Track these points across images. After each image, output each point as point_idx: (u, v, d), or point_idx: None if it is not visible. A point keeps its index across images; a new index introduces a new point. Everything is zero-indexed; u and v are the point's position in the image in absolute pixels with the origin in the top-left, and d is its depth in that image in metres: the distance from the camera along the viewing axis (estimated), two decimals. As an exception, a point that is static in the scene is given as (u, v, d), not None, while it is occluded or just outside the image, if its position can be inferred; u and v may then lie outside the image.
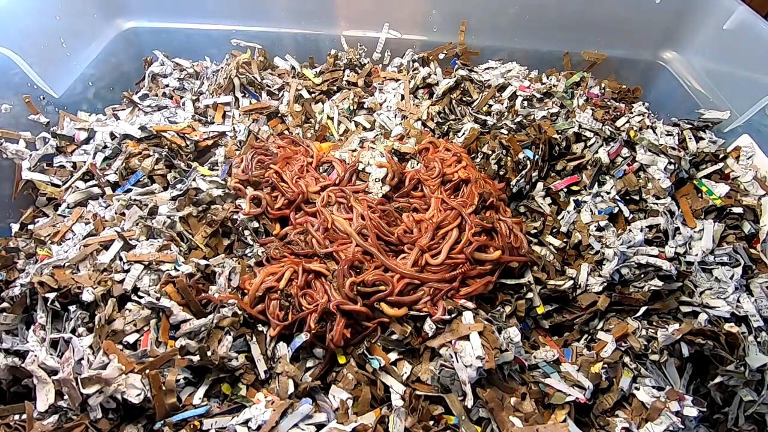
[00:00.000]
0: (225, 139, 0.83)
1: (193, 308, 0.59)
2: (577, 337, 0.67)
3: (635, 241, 0.67)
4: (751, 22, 0.83)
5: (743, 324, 0.63)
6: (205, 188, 0.70)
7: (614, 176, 0.75)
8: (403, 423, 0.53)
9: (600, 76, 1.00)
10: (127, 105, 0.92)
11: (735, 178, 0.77)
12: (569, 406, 0.57)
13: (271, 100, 0.91)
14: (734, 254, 0.69)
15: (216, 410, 0.55)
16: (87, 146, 0.82)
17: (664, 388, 0.59)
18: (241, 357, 0.58)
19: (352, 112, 0.90)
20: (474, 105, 0.88)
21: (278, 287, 0.60)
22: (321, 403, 0.58)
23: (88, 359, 0.54)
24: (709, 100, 0.88)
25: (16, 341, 0.60)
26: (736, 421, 0.62)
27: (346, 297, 0.58)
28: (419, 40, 0.99)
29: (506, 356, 0.56)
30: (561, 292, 0.67)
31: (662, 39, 0.97)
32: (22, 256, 0.68)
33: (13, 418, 0.55)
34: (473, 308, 0.60)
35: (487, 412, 0.55)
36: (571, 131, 0.78)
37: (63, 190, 0.78)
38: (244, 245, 0.69)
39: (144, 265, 0.61)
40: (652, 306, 0.66)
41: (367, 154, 0.71)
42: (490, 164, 0.76)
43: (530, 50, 0.99)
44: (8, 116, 0.79)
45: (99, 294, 0.58)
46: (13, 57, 0.79)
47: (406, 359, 0.59)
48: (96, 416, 0.53)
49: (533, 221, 0.74)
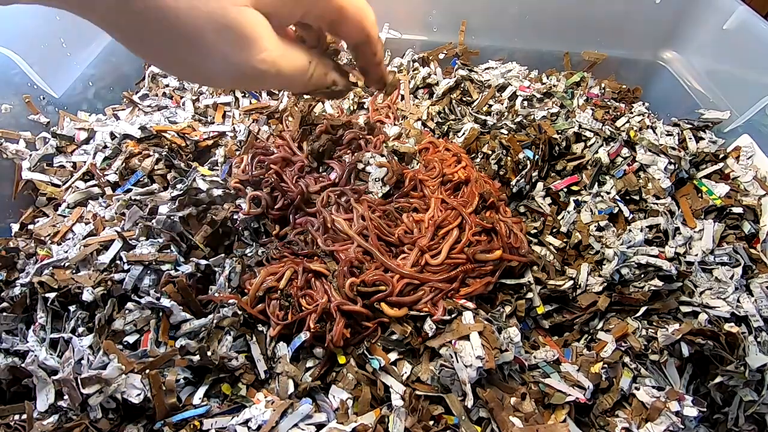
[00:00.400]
0: (225, 139, 0.83)
1: (193, 308, 0.59)
2: (577, 337, 0.67)
3: (635, 241, 0.67)
4: (751, 22, 0.83)
5: (743, 324, 0.63)
6: (205, 188, 0.70)
7: (614, 176, 0.75)
8: (403, 423, 0.54)
9: (600, 76, 1.00)
10: (127, 105, 0.92)
11: (735, 178, 0.77)
12: (569, 406, 0.57)
13: (271, 100, 0.91)
14: (734, 254, 0.69)
15: (216, 410, 0.55)
16: (87, 146, 0.82)
17: (664, 388, 0.59)
18: (241, 357, 0.58)
19: (353, 113, 0.90)
20: (474, 105, 0.88)
21: (278, 287, 0.60)
22: (321, 403, 0.58)
23: (88, 359, 0.54)
24: (709, 100, 0.88)
25: (16, 341, 0.60)
26: (736, 421, 0.62)
27: (346, 297, 0.58)
28: (419, 40, 0.99)
29: (506, 356, 0.56)
30: (561, 292, 0.67)
31: (662, 39, 0.97)
32: (22, 256, 0.68)
33: (13, 418, 0.55)
34: (473, 308, 0.60)
35: (487, 412, 0.55)
36: (571, 131, 0.78)
37: (63, 190, 0.78)
38: (244, 245, 0.69)
39: (144, 265, 0.61)
40: (652, 306, 0.66)
41: (367, 154, 0.71)
42: (490, 164, 0.76)
43: (530, 50, 0.99)
44: (8, 116, 0.79)
45: (99, 294, 0.58)
46: (13, 57, 0.79)
47: (406, 359, 0.59)
48: (96, 416, 0.53)
49: (533, 221, 0.74)
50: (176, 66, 0.43)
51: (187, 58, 0.41)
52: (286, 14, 0.44)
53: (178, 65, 0.43)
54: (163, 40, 0.39)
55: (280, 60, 0.44)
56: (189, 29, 0.38)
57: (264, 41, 0.42)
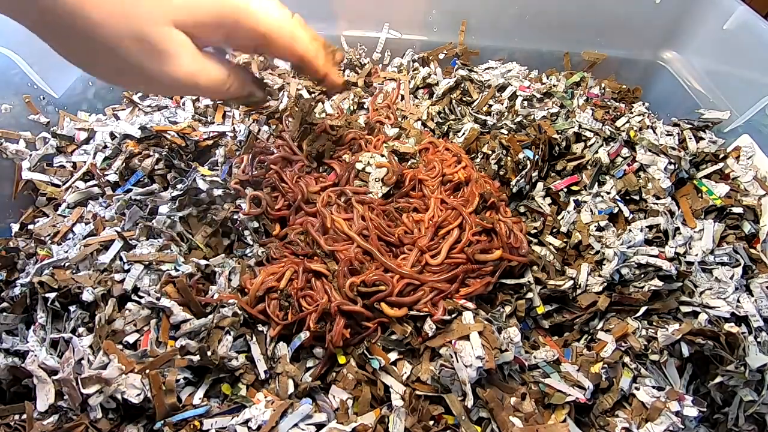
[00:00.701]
0: (225, 139, 0.83)
1: (193, 308, 0.59)
2: (577, 337, 0.67)
3: (635, 241, 0.67)
4: (751, 22, 0.83)
5: (743, 324, 0.63)
6: (205, 188, 0.70)
7: (614, 176, 0.75)
8: (403, 423, 0.54)
9: (600, 76, 1.00)
10: (127, 105, 0.92)
11: (735, 178, 0.77)
12: (569, 406, 0.57)
13: (271, 100, 0.91)
14: (734, 254, 0.69)
15: (216, 410, 0.55)
16: (87, 146, 0.82)
17: (664, 388, 0.59)
18: (241, 357, 0.58)
19: (353, 113, 0.90)
20: (474, 105, 0.88)
21: (278, 287, 0.60)
22: (321, 403, 0.58)
23: (88, 359, 0.54)
24: (709, 100, 0.89)
25: (16, 341, 0.60)
26: (736, 421, 0.62)
27: (346, 297, 0.58)
28: (419, 40, 0.99)
29: (506, 356, 0.56)
30: (561, 292, 0.67)
31: (662, 39, 0.97)
32: (22, 256, 0.68)
33: (13, 418, 0.55)
34: (473, 308, 0.60)
35: (487, 412, 0.55)
36: (571, 131, 0.78)
37: (63, 190, 0.78)
38: (244, 245, 0.69)
39: (144, 265, 0.61)
40: (652, 306, 0.66)
41: (366, 154, 0.71)
42: (490, 164, 0.76)
43: (530, 50, 0.99)
44: (8, 116, 0.79)
45: (99, 294, 0.58)
46: (13, 57, 0.79)
47: (406, 359, 0.59)
48: (96, 416, 0.53)
49: (533, 221, 0.74)
50: (102, 74, 0.47)
51: (110, 67, 0.45)
52: (206, 37, 0.47)
53: (103, 73, 0.47)
54: (87, 49, 0.43)
55: (197, 74, 0.47)
56: (111, 42, 0.41)
57: (181, 57, 0.45)
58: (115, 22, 0.40)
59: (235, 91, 0.53)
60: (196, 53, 0.46)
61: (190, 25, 0.44)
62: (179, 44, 0.44)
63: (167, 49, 0.44)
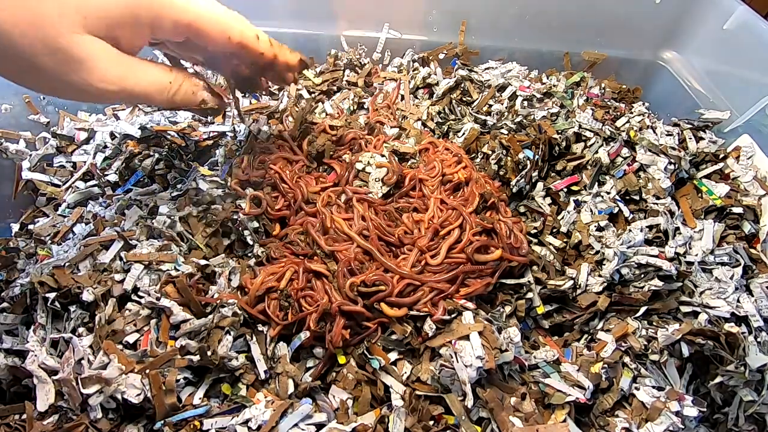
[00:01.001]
0: (225, 139, 0.83)
1: (193, 308, 0.59)
2: (577, 337, 0.67)
3: (635, 241, 0.67)
4: (751, 22, 0.83)
5: (743, 324, 0.63)
6: (205, 188, 0.70)
7: (614, 176, 0.75)
8: (403, 423, 0.54)
9: (600, 76, 1.00)
10: (127, 105, 0.92)
11: (735, 178, 0.77)
12: (569, 406, 0.57)
13: (271, 100, 0.91)
14: (734, 254, 0.69)
15: (216, 410, 0.55)
16: (87, 146, 0.82)
17: (664, 388, 0.59)
18: (241, 357, 0.58)
19: (353, 113, 0.90)
20: (474, 105, 0.88)
21: (278, 287, 0.60)
22: (321, 403, 0.58)
23: (88, 359, 0.54)
24: (709, 100, 0.89)
25: (16, 341, 0.60)
26: (736, 421, 0.62)
27: (346, 297, 0.58)
28: (419, 40, 0.99)
29: (506, 356, 0.56)
30: (561, 292, 0.67)
31: (662, 39, 0.97)
32: (22, 256, 0.69)
33: (13, 418, 0.55)
34: (473, 308, 0.60)
35: (487, 412, 0.55)
36: (571, 131, 0.78)
37: (63, 190, 0.78)
38: (244, 245, 0.69)
39: (144, 265, 0.61)
40: (652, 306, 0.66)
41: (367, 154, 0.71)
42: (490, 164, 0.76)
43: (530, 50, 0.99)
44: (8, 116, 0.79)
45: (99, 294, 0.58)
46: (13, 57, 0.79)
47: (406, 359, 0.59)
48: (96, 416, 0.53)
49: (533, 221, 0.74)
50: (27, 82, 0.46)
51: (31, 77, 0.44)
52: (129, 38, 0.46)
53: (27, 82, 0.46)
54: (7, 60, 0.42)
55: (124, 80, 0.46)
56: (25, 52, 0.41)
57: (100, 63, 0.44)
58: (26, 33, 0.40)
59: (185, 97, 0.52)
60: (120, 58, 0.45)
61: (103, 29, 0.43)
62: (96, 50, 0.43)
63: (82, 56, 0.42)
